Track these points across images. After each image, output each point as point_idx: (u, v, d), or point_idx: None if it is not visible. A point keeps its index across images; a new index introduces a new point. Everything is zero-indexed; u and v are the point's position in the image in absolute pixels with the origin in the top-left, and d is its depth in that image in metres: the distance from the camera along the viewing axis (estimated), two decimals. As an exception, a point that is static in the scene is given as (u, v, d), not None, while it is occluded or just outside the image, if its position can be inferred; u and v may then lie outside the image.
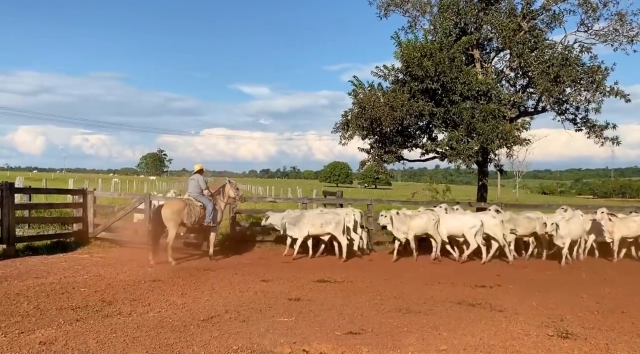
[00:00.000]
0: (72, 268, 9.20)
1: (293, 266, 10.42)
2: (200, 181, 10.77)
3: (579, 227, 11.40)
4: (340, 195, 14.68)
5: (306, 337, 5.54)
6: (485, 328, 6.23)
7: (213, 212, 10.54)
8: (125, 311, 6.32)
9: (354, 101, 13.34)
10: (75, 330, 5.37)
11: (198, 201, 10.56)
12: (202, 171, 11.02)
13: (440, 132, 13.99)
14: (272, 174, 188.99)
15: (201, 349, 4.99)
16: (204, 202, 10.57)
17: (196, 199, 10.60)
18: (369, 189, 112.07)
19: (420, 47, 13.31)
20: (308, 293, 7.83)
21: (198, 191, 10.70)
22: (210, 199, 10.67)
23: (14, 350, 4.65)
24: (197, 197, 10.63)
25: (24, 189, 11.91)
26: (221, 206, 10.83)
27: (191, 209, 10.36)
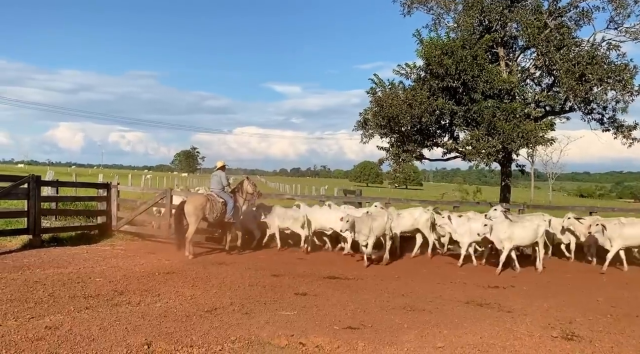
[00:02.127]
0: (92, 259, 9.52)
1: (306, 262, 10.51)
2: (222, 177, 10.97)
3: (528, 232, 10.44)
4: (359, 194, 14.69)
5: (304, 330, 5.62)
6: (488, 328, 6.18)
7: (234, 208, 10.71)
8: (134, 301, 6.53)
9: (371, 99, 13.33)
10: (82, 317, 5.59)
11: (220, 197, 10.77)
12: (224, 168, 11.20)
13: (461, 131, 13.83)
14: (302, 173, 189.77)
15: (199, 339, 5.12)
16: (226, 199, 10.77)
17: (218, 195, 10.81)
18: (400, 189, 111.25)
19: (441, 45, 13.21)
20: (316, 289, 7.90)
21: (220, 188, 10.91)
22: (231, 196, 10.85)
23: (21, 334, 4.88)
24: (219, 193, 10.83)
25: (50, 182, 12.37)
26: (240, 202, 10.98)
27: (213, 204, 10.58)
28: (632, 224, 10.97)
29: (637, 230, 10.76)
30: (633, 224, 10.98)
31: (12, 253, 9.64)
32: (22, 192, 10.27)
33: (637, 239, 10.80)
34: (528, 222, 10.60)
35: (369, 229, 9.90)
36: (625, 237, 10.64)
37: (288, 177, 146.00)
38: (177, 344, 4.92)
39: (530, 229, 10.35)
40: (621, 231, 10.66)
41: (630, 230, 10.73)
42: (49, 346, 4.59)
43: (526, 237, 10.34)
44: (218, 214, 10.68)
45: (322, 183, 57.92)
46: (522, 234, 10.28)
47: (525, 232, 10.31)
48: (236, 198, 11.01)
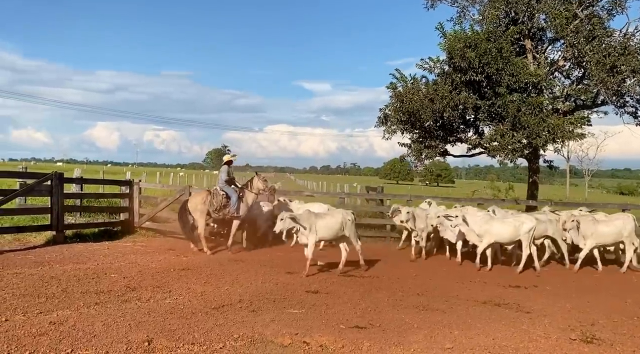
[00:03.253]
0: (112, 255, 9.64)
1: (323, 260, 10.37)
2: (223, 172, 10.97)
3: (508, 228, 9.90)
4: (380, 190, 14.49)
5: (310, 329, 5.51)
6: (502, 329, 5.94)
7: (237, 203, 10.65)
8: (145, 297, 6.55)
9: (391, 94, 13.09)
10: (89, 313, 5.63)
11: (222, 191, 10.76)
12: (230, 163, 11.18)
13: (485, 125, 13.45)
14: (332, 171, 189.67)
15: (201, 336, 5.07)
16: (229, 193, 10.73)
17: (221, 189, 10.81)
18: (431, 186, 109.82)
19: (464, 38, 12.85)
20: (329, 287, 7.79)
21: (223, 182, 10.92)
22: (235, 190, 10.82)
23: (25, 329, 4.93)
24: (223, 187, 10.82)
25: (73, 179, 12.61)
26: (249, 198, 10.89)
27: (213, 198, 10.62)
28: (607, 221, 10.46)
29: (611, 228, 10.25)
30: (608, 221, 10.46)
31: (35, 249, 9.86)
32: (45, 189, 10.50)
33: (611, 237, 10.27)
34: (510, 219, 10.14)
35: (309, 227, 8.66)
36: (599, 235, 10.15)
37: (318, 175, 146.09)
38: (178, 341, 4.89)
39: (512, 226, 9.88)
40: (595, 228, 10.16)
41: (604, 228, 10.23)
42: (50, 342, 4.62)
43: (506, 234, 9.87)
44: (219, 208, 10.67)
45: (351, 181, 57.66)
46: (501, 231, 9.85)
47: (505, 228, 9.86)
48: (244, 194, 10.93)
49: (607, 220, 10.54)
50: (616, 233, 10.23)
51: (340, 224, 8.97)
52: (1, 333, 4.78)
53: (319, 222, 8.82)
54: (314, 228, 8.69)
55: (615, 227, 10.25)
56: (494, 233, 9.80)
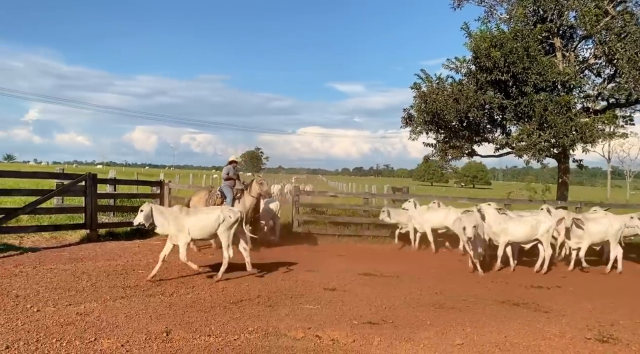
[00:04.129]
0: (141, 253, 10.03)
1: (345, 258, 10.52)
2: (224, 171, 11.29)
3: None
4: (406, 191, 14.51)
5: (323, 324, 5.66)
6: (516, 327, 5.95)
7: (231, 203, 10.69)
8: (168, 292, 6.83)
9: (415, 94, 13.09)
10: (114, 305, 5.93)
11: (219, 191, 11.03)
12: (233, 163, 11.32)
13: (512, 125, 13.30)
14: (364, 173, 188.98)
15: (217, 328, 5.29)
16: (225, 192, 10.89)
17: (220, 189, 11.09)
18: (466, 188, 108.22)
19: (489, 37, 12.76)
20: (347, 285, 7.91)
21: (223, 181, 11.18)
22: (231, 191, 10.88)
23: (54, 319, 5.26)
24: (222, 187, 11.08)
25: (106, 180, 13.13)
26: (246, 200, 10.81)
27: (209, 196, 10.95)
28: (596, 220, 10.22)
29: (599, 227, 10.03)
30: (597, 220, 10.24)
31: (70, 246, 10.34)
32: (80, 189, 10.99)
33: (599, 236, 10.09)
34: (528, 218, 10.01)
35: (177, 226, 7.90)
36: (590, 234, 10.00)
37: (350, 176, 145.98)
38: (195, 333, 5.12)
39: (529, 225, 9.76)
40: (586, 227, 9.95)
41: (594, 227, 10.03)
42: (76, 331, 4.92)
43: (522, 233, 9.73)
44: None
45: (383, 182, 57.48)
46: (517, 230, 9.73)
47: (522, 228, 9.75)
48: (242, 195, 10.94)
49: (595, 218, 10.33)
50: (603, 232, 10.07)
51: (216, 222, 8.02)
52: (32, 322, 5.12)
53: (190, 220, 7.99)
54: (184, 227, 7.90)
55: (602, 226, 10.09)
56: (510, 233, 9.66)
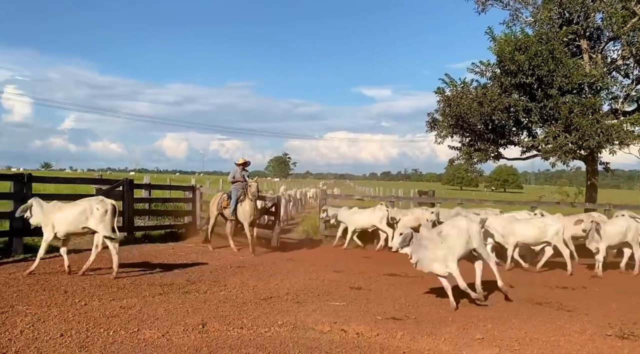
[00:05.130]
0: (175, 254, 10.50)
1: (372, 260, 10.78)
2: (230, 174, 11.72)
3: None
4: (432, 194, 14.67)
5: (348, 319, 5.94)
6: (537, 324, 6.11)
7: (233, 205, 11.13)
8: (202, 290, 7.23)
9: (439, 98, 13.28)
10: (154, 301, 6.36)
11: (226, 193, 11.55)
12: (241, 164, 11.60)
13: (537, 127, 13.35)
14: (392, 177, 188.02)
15: (249, 322, 5.64)
16: (230, 195, 11.34)
17: (227, 191, 11.58)
18: (497, 192, 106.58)
19: (514, 41, 12.88)
20: (372, 284, 8.17)
21: (231, 185, 11.57)
22: (236, 192, 11.23)
23: (100, 311, 5.70)
24: (231, 188, 11.48)
25: (142, 185, 13.72)
26: (246, 202, 11.10)
27: (221, 198, 11.46)
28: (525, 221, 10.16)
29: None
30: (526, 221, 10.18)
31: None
32: (117, 194, 11.56)
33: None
34: (536, 221, 10.16)
35: (45, 220, 7.59)
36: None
37: (378, 181, 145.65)
38: (229, 325, 5.48)
39: (536, 227, 9.88)
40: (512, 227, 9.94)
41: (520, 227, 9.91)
42: (120, 322, 5.34)
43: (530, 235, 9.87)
44: (221, 208, 11.40)
45: (412, 187, 57.32)
46: (525, 232, 9.89)
47: (529, 230, 9.89)
48: (244, 197, 11.24)
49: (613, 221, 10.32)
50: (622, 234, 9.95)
51: (82, 216, 7.65)
52: (81, 314, 5.57)
53: (57, 215, 7.61)
54: (50, 222, 7.57)
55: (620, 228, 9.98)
56: (517, 234, 9.77)
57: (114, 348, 4.55)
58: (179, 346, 4.71)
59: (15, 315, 5.35)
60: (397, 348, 5.05)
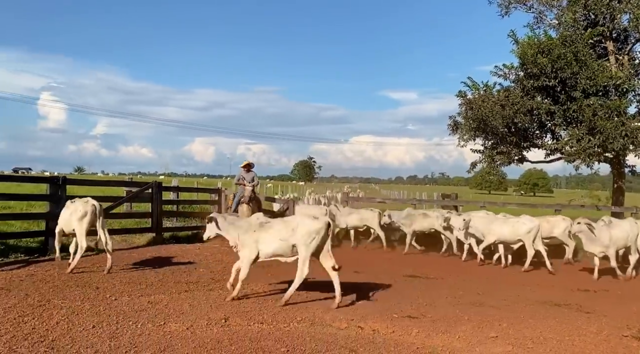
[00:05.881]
0: (201, 254, 10.84)
1: (393, 262, 10.93)
2: (236, 175, 12.27)
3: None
4: (454, 197, 14.70)
5: (365, 316, 6.12)
6: (553, 324, 6.18)
7: (234, 206, 11.64)
8: (226, 287, 7.49)
9: (460, 102, 13.33)
10: (179, 297, 6.66)
11: (233, 194, 12.11)
12: (244, 166, 12.26)
13: (561, 130, 13.27)
14: (419, 181, 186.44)
15: (270, 317, 5.88)
16: (235, 196, 11.91)
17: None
18: (526, 196, 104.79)
19: (537, 44, 12.85)
20: (392, 285, 8.31)
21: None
22: (238, 194, 11.81)
23: (129, 306, 6.02)
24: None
25: (170, 188, 14.20)
26: (244, 206, 11.61)
27: (227, 200, 12.08)
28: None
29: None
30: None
31: (138, 248, 11.30)
32: (147, 196, 12.01)
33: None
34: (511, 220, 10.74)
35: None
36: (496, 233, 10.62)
37: (404, 185, 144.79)
38: (250, 320, 5.72)
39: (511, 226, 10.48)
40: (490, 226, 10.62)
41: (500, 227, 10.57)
42: (148, 315, 5.64)
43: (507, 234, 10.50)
44: (228, 209, 11.79)
45: (437, 190, 56.94)
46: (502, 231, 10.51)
47: (506, 229, 10.50)
48: (242, 200, 11.73)
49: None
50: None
51: (71, 216, 7.97)
52: (111, 308, 5.90)
53: (62, 213, 8.09)
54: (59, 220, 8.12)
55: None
56: (496, 233, 10.42)
57: (142, 339, 4.84)
58: (202, 338, 4.97)
59: (52, 308, 5.71)
60: (411, 344, 5.20)
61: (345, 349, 4.89)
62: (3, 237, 9.50)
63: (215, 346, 4.76)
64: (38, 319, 5.23)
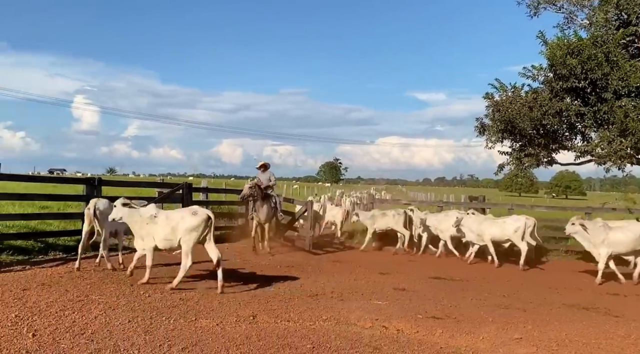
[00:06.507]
0: (230, 254, 11.08)
1: (417, 264, 10.97)
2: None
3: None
4: (482, 199, 14.62)
5: (390, 316, 6.23)
6: (580, 327, 6.17)
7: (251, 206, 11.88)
8: (253, 286, 7.69)
9: (487, 104, 13.25)
10: (209, 294, 6.87)
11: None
12: (260, 167, 12.41)
13: (591, 132, 13.05)
14: (447, 183, 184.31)
15: (295, 316, 6.04)
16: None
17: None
18: (558, 199, 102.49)
19: (566, 45, 12.69)
20: (416, 286, 8.39)
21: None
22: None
23: (163, 302, 6.26)
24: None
25: (200, 189, 14.52)
26: (257, 203, 11.80)
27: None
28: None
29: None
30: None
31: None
32: (178, 197, 12.33)
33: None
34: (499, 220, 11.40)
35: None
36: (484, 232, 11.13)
37: (432, 186, 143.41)
38: (277, 318, 5.90)
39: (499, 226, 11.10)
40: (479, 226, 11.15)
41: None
42: (180, 312, 5.87)
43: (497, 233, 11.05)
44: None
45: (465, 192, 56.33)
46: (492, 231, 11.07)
47: (494, 228, 11.06)
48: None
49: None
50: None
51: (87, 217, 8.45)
52: (146, 304, 6.16)
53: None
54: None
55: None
56: (486, 232, 11.00)
57: (175, 334, 5.06)
58: (231, 333, 5.17)
59: (90, 303, 6.00)
60: (435, 344, 5.29)
61: (369, 347, 5.01)
62: (43, 235, 9.93)
63: (244, 341, 4.95)
64: (78, 313, 5.52)
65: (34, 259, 8.85)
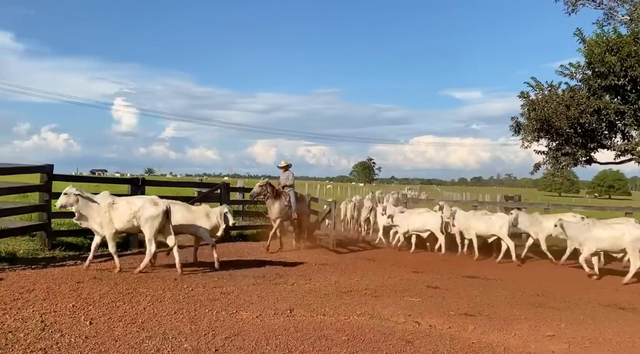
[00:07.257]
0: (265, 252, 11.44)
1: (451, 263, 11.03)
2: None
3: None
4: (518, 199, 14.51)
5: (422, 313, 6.40)
6: (614, 326, 6.20)
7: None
8: (290, 282, 7.99)
9: (523, 102, 13.15)
10: (249, 289, 7.19)
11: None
12: (282, 168, 12.69)
13: (632, 130, 12.79)
14: (484, 182, 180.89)
15: (331, 310, 6.28)
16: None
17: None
18: (601, 199, 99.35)
19: (605, 42, 12.48)
20: (449, 284, 8.50)
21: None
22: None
23: (204, 295, 6.62)
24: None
25: (237, 188, 14.95)
26: (270, 201, 12.24)
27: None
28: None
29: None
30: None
31: (208, 245, 12.04)
32: (216, 196, 12.77)
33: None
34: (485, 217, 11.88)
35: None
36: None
37: (468, 186, 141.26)
38: (313, 312, 6.15)
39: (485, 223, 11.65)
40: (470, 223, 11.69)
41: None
42: (221, 304, 6.20)
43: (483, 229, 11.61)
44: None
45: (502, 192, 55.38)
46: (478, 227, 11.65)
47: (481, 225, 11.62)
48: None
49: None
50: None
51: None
52: (189, 297, 6.52)
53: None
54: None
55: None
56: (474, 228, 11.62)
57: (218, 324, 5.38)
58: (270, 325, 5.45)
59: (139, 295, 6.40)
60: (467, 339, 5.43)
61: (402, 341, 5.20)
62: (91, 233, 10.46)
63: (282, 332, 5.22)
64: (128, 304, 5.91)
65: (85, 255, 9.36)
